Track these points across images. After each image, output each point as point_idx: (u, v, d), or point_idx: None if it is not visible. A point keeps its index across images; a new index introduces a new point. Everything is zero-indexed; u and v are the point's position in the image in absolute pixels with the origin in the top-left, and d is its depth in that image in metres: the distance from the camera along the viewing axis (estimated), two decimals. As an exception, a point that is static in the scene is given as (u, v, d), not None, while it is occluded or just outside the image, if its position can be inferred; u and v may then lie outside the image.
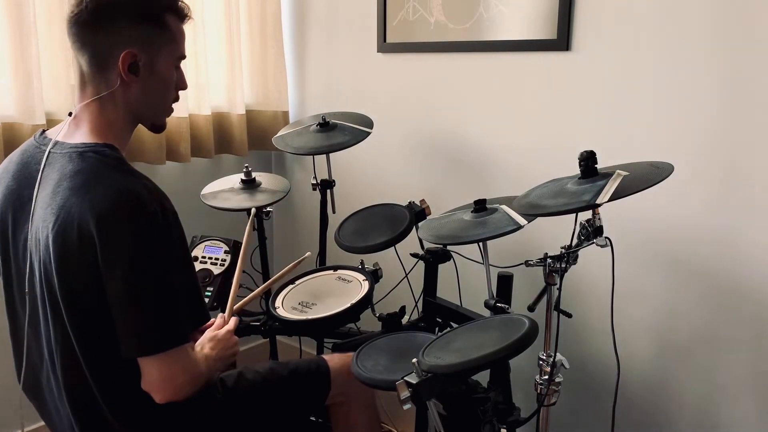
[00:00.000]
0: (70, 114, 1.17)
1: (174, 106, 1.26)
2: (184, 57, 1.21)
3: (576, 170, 1.25)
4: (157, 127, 1.24)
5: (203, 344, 1.27)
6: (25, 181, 1.15)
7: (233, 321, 1.37)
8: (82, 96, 1.15)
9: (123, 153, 1.15)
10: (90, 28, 1.11)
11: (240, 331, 1.43)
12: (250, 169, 1.96)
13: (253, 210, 1.64)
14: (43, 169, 1.12)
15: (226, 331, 1.32)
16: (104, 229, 1.02)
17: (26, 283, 1.14)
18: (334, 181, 1.99)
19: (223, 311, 1.46)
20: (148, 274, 1.04)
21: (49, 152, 1.13)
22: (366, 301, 1.53)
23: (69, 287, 1.06)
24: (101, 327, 1.07)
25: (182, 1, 1.18)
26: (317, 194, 2.02)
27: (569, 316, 1.33)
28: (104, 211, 1.02)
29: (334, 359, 1.45)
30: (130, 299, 1.04)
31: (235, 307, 1.47)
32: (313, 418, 1.62)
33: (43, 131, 1.21)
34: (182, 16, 1.18)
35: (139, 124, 1.22)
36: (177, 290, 1.08)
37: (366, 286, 1.58)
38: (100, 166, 1.08)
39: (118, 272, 1.02)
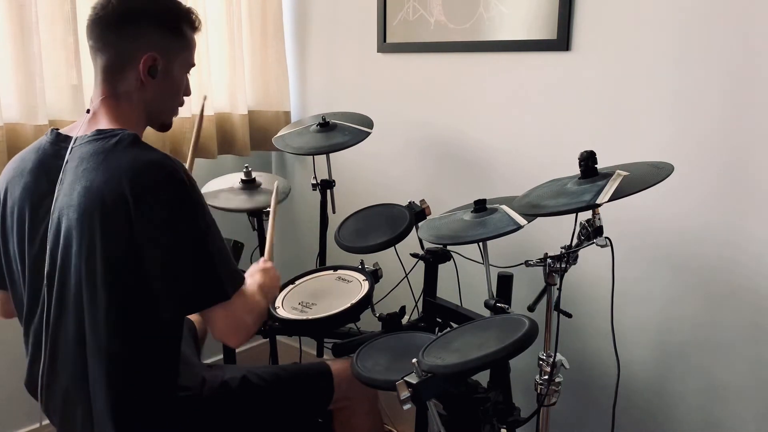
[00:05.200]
0: (87, 111, 1.20)
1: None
2: (193, 65, 1.29)
3: (576, 170, 1.26)
4: (166, 126, 1.31)
5: (253, 274, 1.34)
6: (44, 176, 1.18)
7: (270, 262, 1.44)
8: (99, 93, 1.19)
9: None
10: (114, 29, 1.16)
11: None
12: (250, 169, 1.97)
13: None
14: (66, 162, 1.15)
15: (271, 266, 1.39)
16: (139, 198, 1.05)
17: (45, 276, 1.15)
18: (334, 181, 2.00)
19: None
20: (184, 237, 1.08)
21: (72, 148, 1.16)
22: (366, 301, 1.53)
23: (108, 263, 1.07)
24: (137, 302, 1.10)
25: (196, 14, 1.25)
26: (317, 194, 2.02)
27: (569, 316, 1.33)
28: (136, 181, 1.06)
29: (336, 364, 1.46)
30: (170, 263, 1.08)
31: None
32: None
33: (55, 130, 1.23)
34: (195, 27, 1.25)
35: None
36: (212, 252, 1.12)
37: (366, 286, 1.57)
38: (117, 144, 1.11)
39: (156, 238, 1.06)
